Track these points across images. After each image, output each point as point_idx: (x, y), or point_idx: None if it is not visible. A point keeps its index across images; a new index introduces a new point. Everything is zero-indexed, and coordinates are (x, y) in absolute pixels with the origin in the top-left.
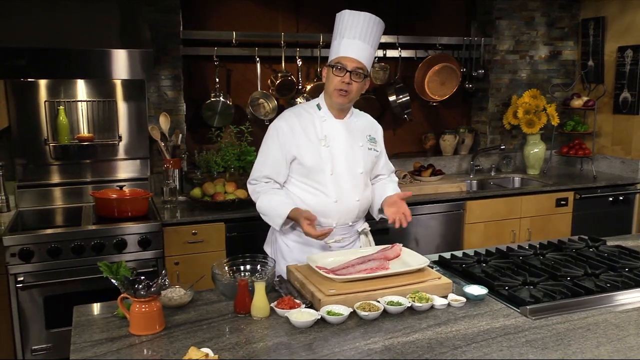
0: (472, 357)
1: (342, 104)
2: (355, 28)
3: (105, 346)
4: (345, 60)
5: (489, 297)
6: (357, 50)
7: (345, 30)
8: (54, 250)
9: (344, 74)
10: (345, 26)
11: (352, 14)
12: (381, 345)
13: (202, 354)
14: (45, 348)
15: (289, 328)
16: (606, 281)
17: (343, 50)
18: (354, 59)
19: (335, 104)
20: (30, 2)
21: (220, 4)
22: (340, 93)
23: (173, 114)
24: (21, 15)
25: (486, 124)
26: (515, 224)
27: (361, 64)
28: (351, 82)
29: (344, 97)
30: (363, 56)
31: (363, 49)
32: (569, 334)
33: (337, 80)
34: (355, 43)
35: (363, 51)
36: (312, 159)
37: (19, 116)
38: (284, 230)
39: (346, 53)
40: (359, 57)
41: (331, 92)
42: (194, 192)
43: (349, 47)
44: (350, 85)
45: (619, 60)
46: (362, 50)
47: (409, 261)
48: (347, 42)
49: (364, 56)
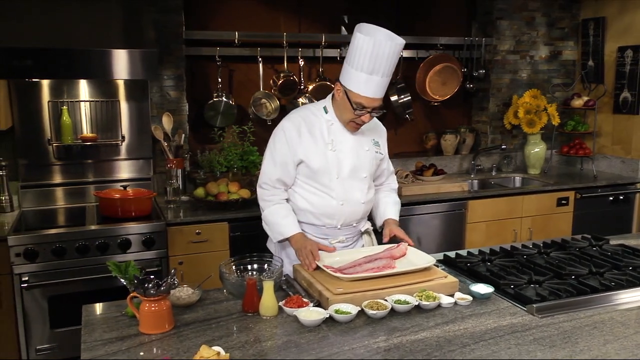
0: (481, 354)
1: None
2: (379, 62)
3: (115, 345)
4: (367, 101)
5: (495, 296)
6: (377, 89)
7: (366, 61)
8: (58, 250)
9: (365, 113)
10: (367, 56)
11: (377, 44)
12: (390, 344)
13: (214, 353)
14: (49, 348)
15: (298, 327)
16: (611, 280)
17: (366, 90)
18: (375, 98)
19: (347, 129)
20: (34, 3)
21: (223, 4)
22: (356, 126)
23: (176, 114)
24: (25, 15)
25: (487, 124)
26: (517, 224)
27: (381, 100)
28: (369, 116)
29: (359, 127)
30: (382, 91)
31: (383, 85)
32: (576, 332)
33: (355, 115)
34: (376, 80)
35: (382, 87)
36: (319, 162)
37: (22, 116)
38: None
39: (367, 93)
40: (379, 95)
41: (346, 121)
42: (198, 192)
43: (373, 86)
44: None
45: (619, 60)
46: (382, 86)
47: (414, 260)
48: (367, 78)
49: (383, 90)
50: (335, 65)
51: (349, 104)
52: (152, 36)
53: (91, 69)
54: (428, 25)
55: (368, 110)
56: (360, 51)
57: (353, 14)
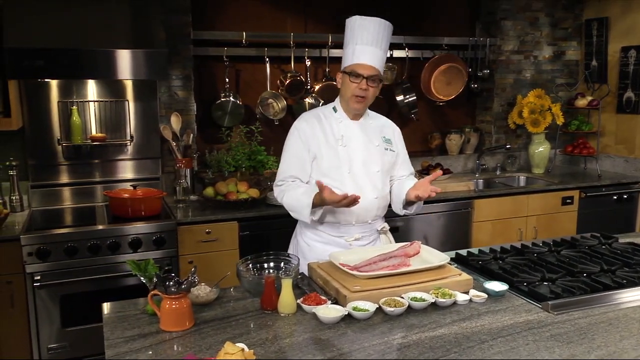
0: (500, 350)
1: (360, 110)
2: (367, 34)
3: (138, 342)
4: (360, 67)
5: (509, 293)
6: (371, 57)
7: (357, 37)
8: (70, 250)
9: (361, 81)
10: (357, 32)
11: (362, 21)
12: (409, 340)
13: (238, 349)
14: (60, 347)
15: (316, 324)
16: (622, 277)
17: (357, 58)
18: (369, 65)
19: (352, 109)
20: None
21: (230, 5)
22: (358, 99)
23: (184, 114)
24: (35, 16)
25: (491, 124)
26: (522, 222)
27: (376, 70)
28: (368, 87)
29: (361, 102)
30: (377, 61)
31: (376, 55)
32: (592, 328)
33: (354, 87)
34: (368, 49)
35: (376, 56)
36: (331, 158)
37: (32, 117)
38: (313, 223)
39: (360, 60)
40: (373, 63)
41: (348, 98)
42: (207, 191)
43: (363, 54)
44: (367, 91)
45: (623, 60)
46: (375, 55)
47: (428, 258)
48: (360, 48)
49: (378, 61)
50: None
51: (347, 81)
52: (162, 36)
53: (103, 70)
54: (433, 25)
55: (364, 77)
56: (351, 31)
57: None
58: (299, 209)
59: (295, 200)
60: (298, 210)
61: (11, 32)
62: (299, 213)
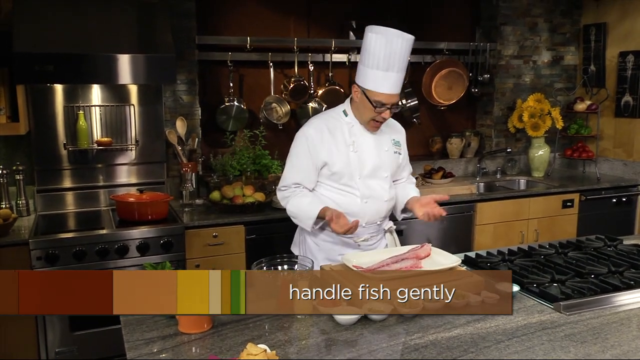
0: (516, 350)
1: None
2: (392, 57)
3: (158, 344)
4: (385, 97)
5: (520, 294)
6: (394, 85)
7: (381, 60)
8: (79, 254)
9: (384, 111)
10: (381, 54)
11: (389, 42)
12: (426, 340)
13: (261, 350)
14: (68, 350)
15: (333, 325)
16: (630, 278)
17: (382, 86)
18: (393, 94)
19: (369, 129)
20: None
21: (234, 10)
22: (376, 125)
23: (188, 118)
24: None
25: (491, 128)
26: (524, 225)
27: (398, 95)
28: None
29: (379, 127)
30: (399, 86)
31: (399, 80)
32: (605, 328)
33: (375, 114)
34: (394, 77)
35: (399, 82)
36: (342, 164)
37: (38, 121)
38: (314, 231)
39: (385, 89)
40: (396, 91)
41: (366, 121)
42: (213, 195)
43: (387, 82)
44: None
45: (620, 65)
46: (398, 82)
47: (439, 260)
48: (383, 75)
49: (400, 85)
50: (344, 70)
51: (368, 103)
52: (170, 41)
53: (113, 74)
54: (434, 30)
55: (387, 107)
56: (374, 50)
57: (361, 19)
58: (304, 219)
59: (300, 210)
60: (301, 220)
61: (21, 38)
62: (301, 222)
